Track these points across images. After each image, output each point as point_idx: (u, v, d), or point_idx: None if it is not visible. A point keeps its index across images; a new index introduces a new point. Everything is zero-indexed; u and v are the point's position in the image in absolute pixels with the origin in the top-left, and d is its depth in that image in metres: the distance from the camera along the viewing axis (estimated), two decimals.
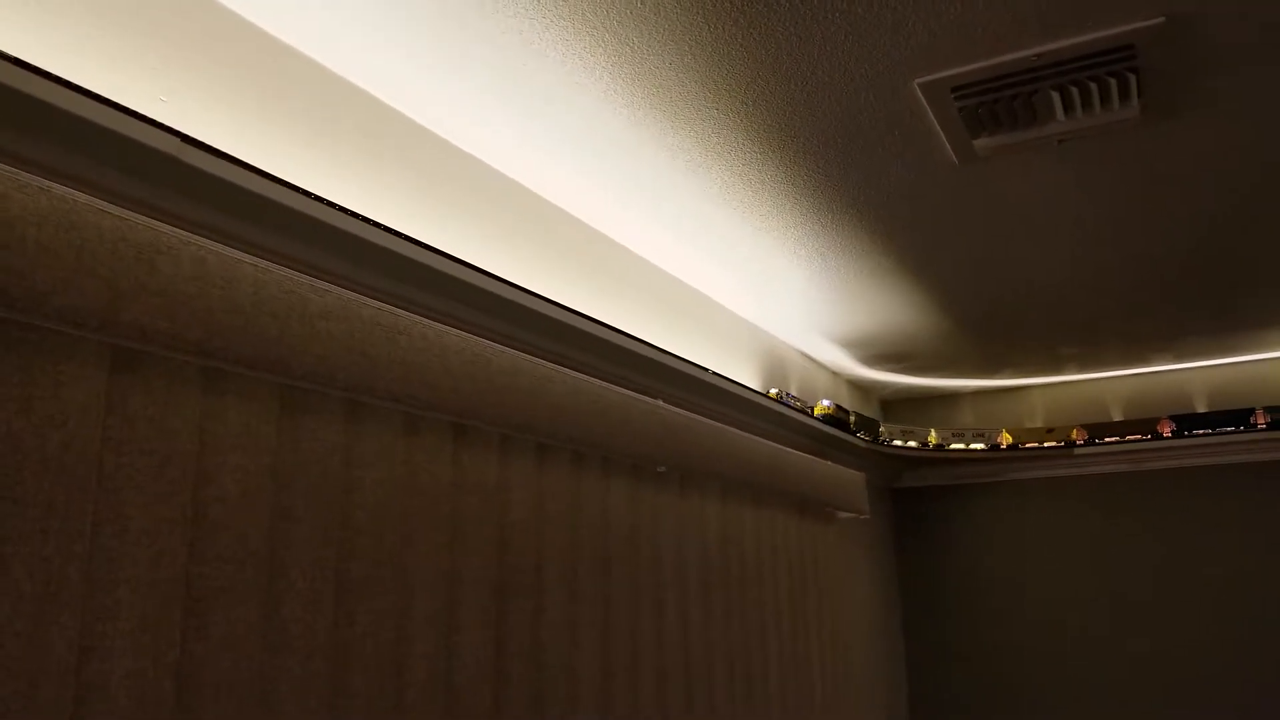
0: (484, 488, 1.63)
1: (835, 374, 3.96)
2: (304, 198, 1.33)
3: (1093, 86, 1.71)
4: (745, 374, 2.98)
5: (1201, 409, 4.01)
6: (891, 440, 3.91)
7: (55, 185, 0.97)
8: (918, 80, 1.71)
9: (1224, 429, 3.76)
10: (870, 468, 3.98)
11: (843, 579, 3.47)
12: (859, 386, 4.26)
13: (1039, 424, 4.29)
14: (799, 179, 2.10)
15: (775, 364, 3.29)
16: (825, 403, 3.40)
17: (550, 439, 1.73)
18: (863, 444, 3.67)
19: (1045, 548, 4.19)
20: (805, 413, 3.14)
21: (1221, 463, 3.90)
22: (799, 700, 2.80)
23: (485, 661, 1.58)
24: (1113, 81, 1.69)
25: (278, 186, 1.29)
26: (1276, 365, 3.90)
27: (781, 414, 2.94)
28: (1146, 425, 3.90)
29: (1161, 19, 1.54)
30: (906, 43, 1.59)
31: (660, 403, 2.08)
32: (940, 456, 4.10)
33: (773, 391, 3.06)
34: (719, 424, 2.35)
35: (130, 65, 1.31)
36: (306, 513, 1.30)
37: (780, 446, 2.72)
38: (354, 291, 1.48)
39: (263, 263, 1.20)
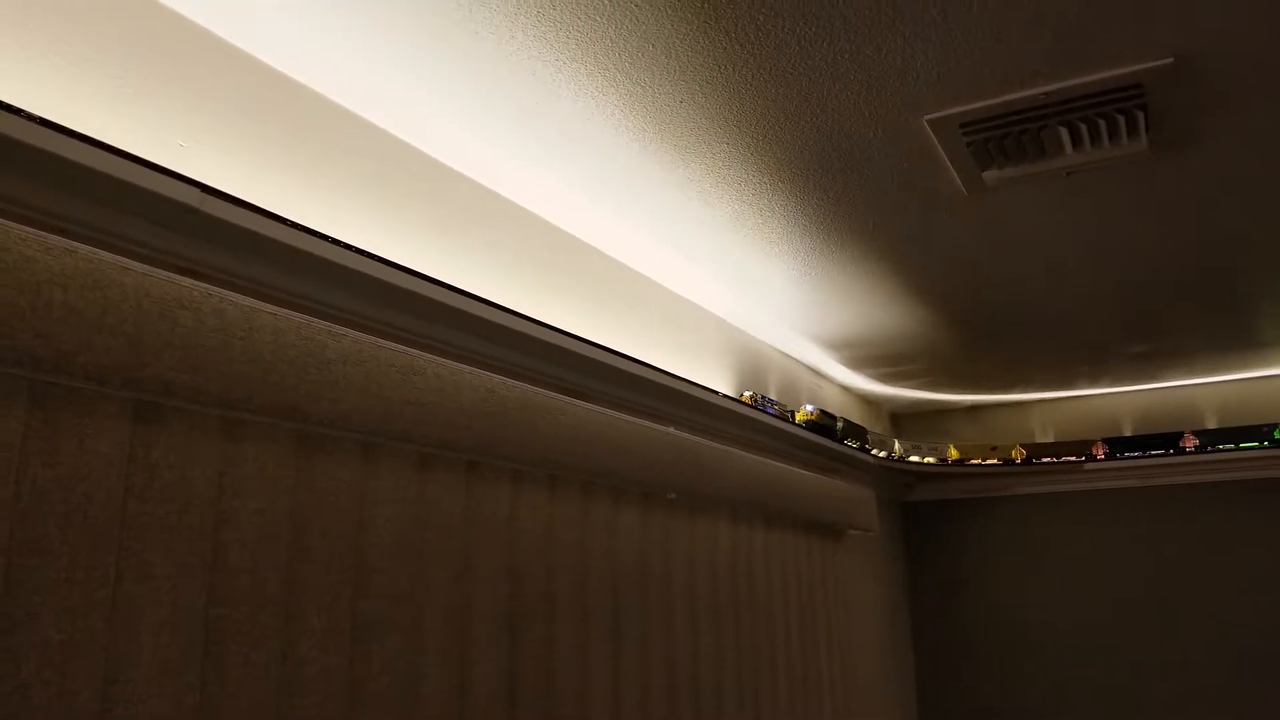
0: (495, 520, 1.65)
1: (845, 388, 3.97)
2: (322, 241, 1.35)
3: (1101, 123, 1.73)
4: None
5: (1212, 424, 4.01)
6: (877, 450, 3.85)
7: (80, 245, 1.00)
8: (927, 117, 1.72)
9: (1222, 447, 3.79)
10: (880, 482, 3.99)
11: (853, 594, 3.48)
12: (869, 401, 4.27)
13: (1050, 438, 4.29)
14: (809, 208, 2.12)
15: (784, 377, 3.31)
16: (809, 408, 3.14)
17: (561, 470, 1.75)
18: (873, 460, 3.68)
19: (1054, 561, 4.19)
20: (785, 419, 2.90)
21: (1232, 479, 3.90)
22: (809, 717, 2.81)
23: (498, 693, 1.60)
24: (1121, 118, 1.70)
25: (295, 232, 1.31)
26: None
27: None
28: (1166, 440, 3.92)
29: (1170, 59, 1.55)
30: (916, 82, 1.61)
31: (671, 429, 2.10)
32: (949, 471, 4.11)
33: (746, 394, 2.80)
34: (728, 448, 2.37)
35: (150, 111, 1.33)
36: (322, 552, 1.32)
37: (789, 467, 2.73)
38: (368, 327, 1.50)
39: (281, 311, 1.22)
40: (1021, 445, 4.08)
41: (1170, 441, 3.91)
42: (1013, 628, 4.21)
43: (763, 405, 2.80)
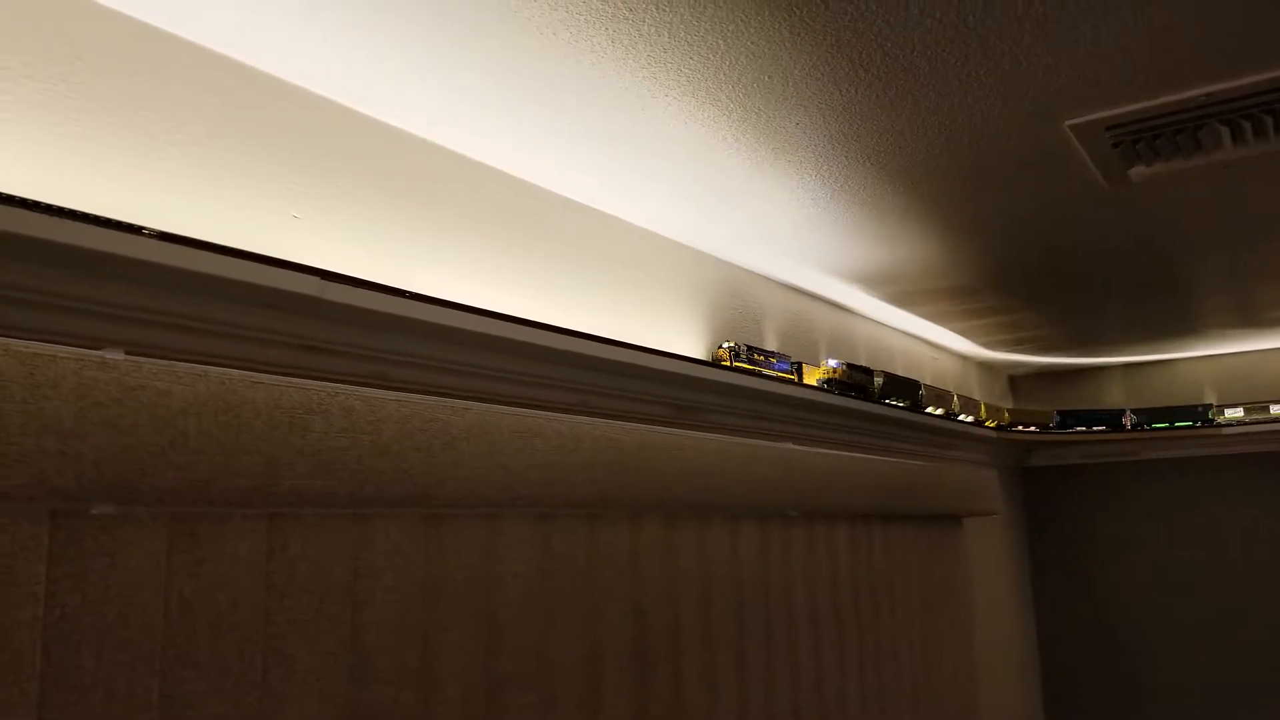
0: (617, 561, 1.64)
1: (964, 357, 3.83)
2: (444, 309, 1.34)
3: (1268, 119, 1.56)
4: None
5: None
6: (932, 408, 3.04)
7: (209, 368, 1.00)
8: (1069, 122, 1.59)
9: None
10: (996, 452, 3.86)
11: (975, 576, 3.39)
12: (987, 366, 4.11)
13: (1207, 399, 3.99)
14: (939, 212, 2.01)
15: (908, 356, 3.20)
16: (831, 363, 2.46)
17: (681, 507, 1.73)
18: (992, 432, 3.55)
19: (1185, 529, 4.00)
20: (785, 378, 2.23)
21: None
22: (934, 710, 2.77)
23: None
24: None
25: (417, 304, 1.30)
26: None
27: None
28: None
29: None
30: (1058, 91, 1.48)
31: (789, 445, 2.05)
32: (1064, 438, 3.91)
33: (723, 346, 2.14)
34: (846, 453, 2.31)
35: (265, 187, 1.32)
36: (455, 620, 1.33)
37: (907, 461, 2.65)
38: (483, 374, 1.49)
39: (405, 395, 1.21)
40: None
41: None
42: (1141, 605, 4.05)
43: (763, 363, 2.18)
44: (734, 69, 1.38)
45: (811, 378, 2.41)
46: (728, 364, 2.08)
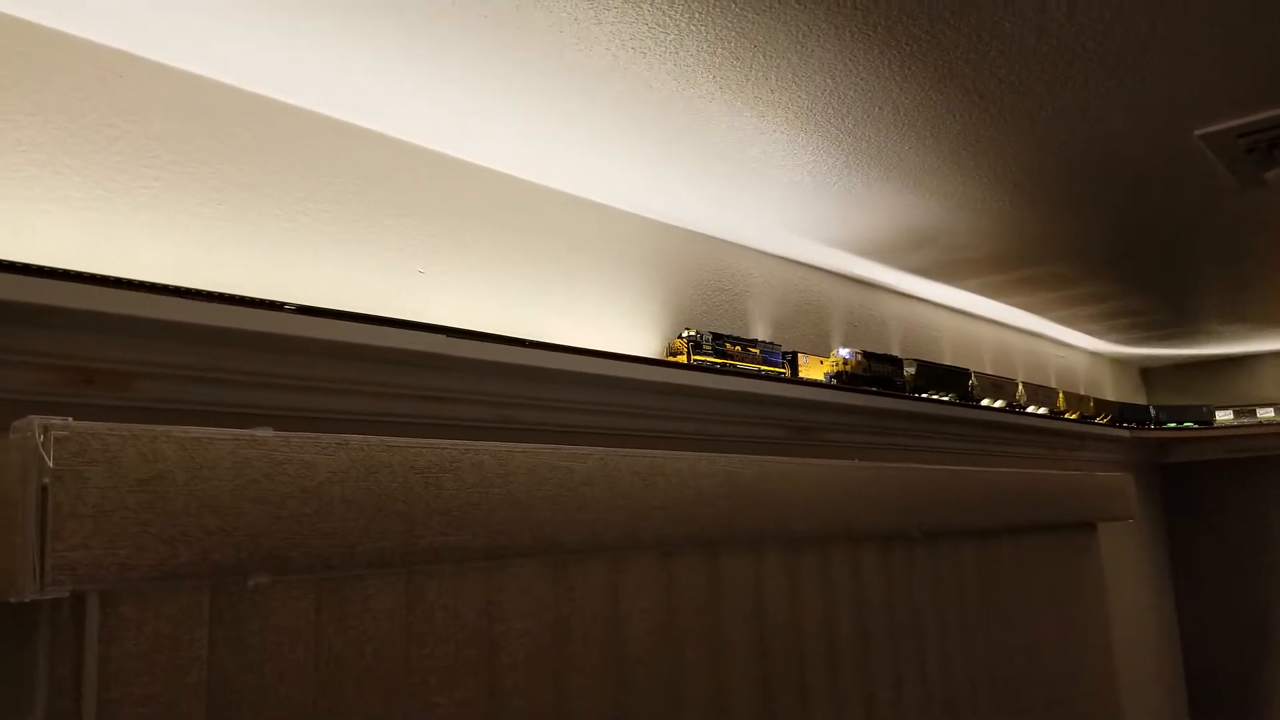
0: (741, 590, 1.65)
1: (1093, 354, 3.69)
2: (564, 354, 1.38)
3: None
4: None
5: None
6: (989, 400, 2.68)
7: (350, 436, 1.05)
8: (1199, 131, 1.52)
9: None
10: (1131, 450, 3.70)
11: (1110, 583, 3.26)
12: (1118, 361, 3.94)
13: None
14: (1068, 227, 1.95)
15: (1031, 362, 3.10)
16: (843, 353, 2.11)
17: (801, 533, 1.72)
18: (1128, 433, 3.40)
19: None
20: (768, 373, 1.85)
21: None
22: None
23: None
24: None
25: (539, 352, 1.34)
26: None
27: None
28: None
29: None
30: (1186, 105, 1.42)
31: (911, 464, 2.01)
32: (1201, 434, 3.70)
33: (682, 335, 1.73)
34: (969, 468, 2.25)
35: (390, 243, 1.38)
36: (585, 658, 1.36)
37: (1033, 470, 2.57)
38: (608, 411, 1.52)
39: (531, 446, 1.25)
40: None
41: None
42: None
43: (739, 355, 1.81)
44: (843, 103, 1.37)
45: (815, 371, 2.05)
46: (683, 358, 1.71)
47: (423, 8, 1.07)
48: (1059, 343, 3.38)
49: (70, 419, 0.81)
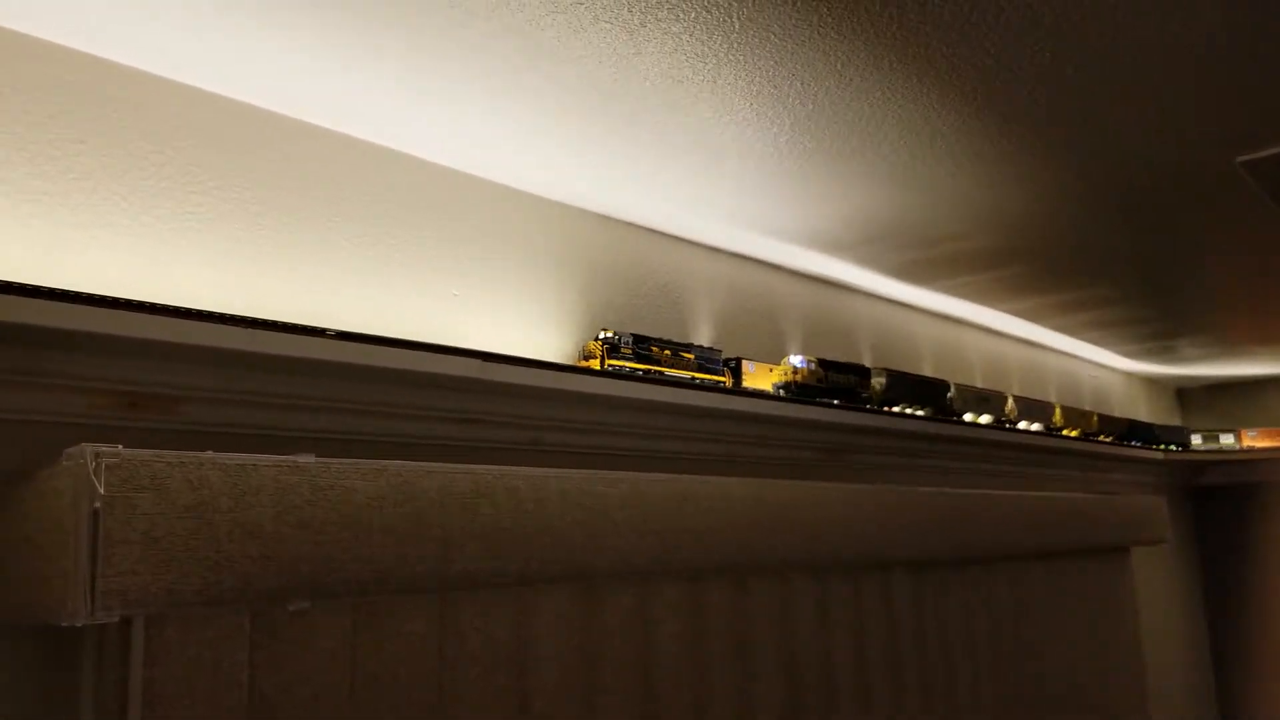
0: (769, 613, 1.64)
1: (1127, 374, 3.65)
2: (596, 378, 1.38)
3: None
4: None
5: None
6: (972, 415, 2.48)
7: (388, 462, 1.06)
8: (1240, 159, 1.51)
9: None
10: (1163, 473, 3.65)
11: (1142, 602, 3.22)
12: (1152, 381, 3.90)
13: None
14: (1094, 246, 1.94)
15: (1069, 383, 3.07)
16: (795, 361, 1.89)
17: (831, 558, 1.72)
18: (1161, 455, 3.36)
19: None
20: (705, 381, 1.68)
21: None
22: None
23: None
24: None
25: (571, 375, 1.35)
26: None
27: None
28: None
29: None
30: (1228, 135, 1.41)
31: (944, 490, 2.00)
32: (1233, 457, 3.65)
33: (598, 338, 1.54)
34: (998, 493, 2.24)
35: (427, 266, 1.40)
36: (614, 681, 1.37)
37: (1064, 495, 2.55)
38: (639, 432, 1.53)
39: (564, 472, 1.25)
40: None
41: None
42: None
43: (669, 360, 1.62)
44: (880, 128, 1.37)
45: (763, 380, 1.85)
46: (595, 364, 1.53)
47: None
48: (1093, 363, 3.35)
49: (121, 446, 0.83)
